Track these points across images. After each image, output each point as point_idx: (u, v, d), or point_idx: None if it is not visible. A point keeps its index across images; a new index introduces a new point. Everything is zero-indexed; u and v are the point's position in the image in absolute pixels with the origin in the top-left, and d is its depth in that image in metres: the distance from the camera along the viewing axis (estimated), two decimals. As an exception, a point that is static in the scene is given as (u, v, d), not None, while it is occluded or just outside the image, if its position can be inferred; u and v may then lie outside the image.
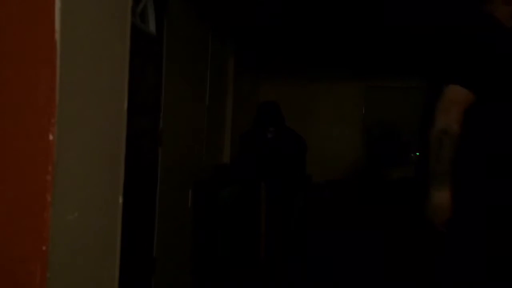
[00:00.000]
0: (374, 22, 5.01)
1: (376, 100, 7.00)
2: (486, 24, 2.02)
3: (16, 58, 0.96)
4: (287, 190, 4.15)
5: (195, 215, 3.87)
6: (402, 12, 4.59)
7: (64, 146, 0.99)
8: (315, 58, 6.54)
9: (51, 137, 0.94)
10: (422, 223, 2.33)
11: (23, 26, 0.95)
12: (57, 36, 0.94)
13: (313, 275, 4.45)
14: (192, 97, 3.87)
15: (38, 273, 0.94)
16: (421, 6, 4.41)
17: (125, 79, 1.32)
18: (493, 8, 2.04)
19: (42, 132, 0.94)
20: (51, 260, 0.95)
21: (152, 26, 3.01)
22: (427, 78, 2.41)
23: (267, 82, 6.74)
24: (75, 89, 1.04)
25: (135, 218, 2.76)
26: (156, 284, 3.10)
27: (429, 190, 2.08)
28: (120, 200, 1.31)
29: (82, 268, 1.13)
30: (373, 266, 4.75)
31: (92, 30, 1.12)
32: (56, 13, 0.94)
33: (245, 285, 4.14)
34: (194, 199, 3.81)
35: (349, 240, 5.35)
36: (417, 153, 6.91)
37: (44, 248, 0.94)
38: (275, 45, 6.15)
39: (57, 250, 0.98)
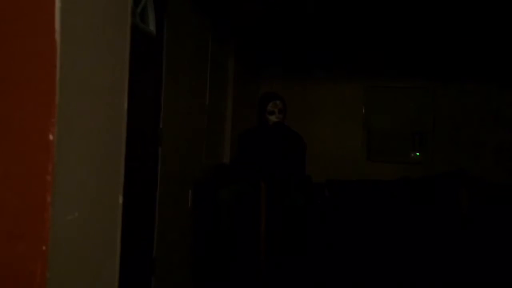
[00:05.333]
0: (374, 22, 5.01)
1: (376, 100, 6.99)
2: None
3: (16, 58, 0.96)
4: (286, 190, 4.15)
5: (195, 215, 3.87)
6: (402, 11, 4.59)
7: (64, 146, 0.98)
8: (315, 58, 6.54)
9: (51, 137, 0.94)
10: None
11: (23, 26, 0.95)
12: (57, 36, 0.94)
13: (313, 276, 4.44)
14: (192, 97, 3.87)
15: (38, 273, 0.94)
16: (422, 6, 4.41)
17: (125, 79, 1.32)
18: None
19: (42, 132, 0.94)
20: (51, 260, 0.95)
21: (152, 26, 3.01)
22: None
23: (267, 82, 6.73)
24: (75, 89, 1.04)
25: (135, 218, 2.76)
26: (156, 284, 3.10)
27: None
28: (120, 200, 1.31)
29: (82, 268, 1.13)
30: (374, 265, 4.75)
31: (92, 30, 1.12)
32: (56, 13, 0.94)
33: (245, 286, 4.14)
34: (194, 199, 3.80)
35: (349, 240, 5.34)
36: (417, 153, 6.93)
37: (44, 248, 0.94)
38: (275, 45, 6.15)
39: (57, 250, 0.97)
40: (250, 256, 4.09)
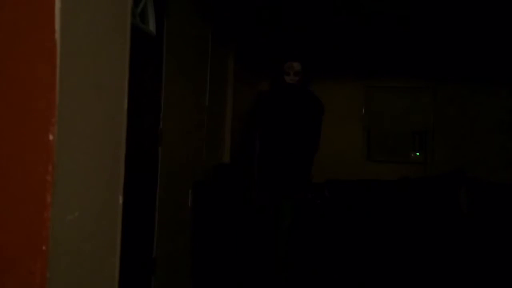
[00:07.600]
0: (374, 21, 5.01)
1: (376, 100, 6.99)
2: None
3: (16, 58, 0.96)
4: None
5: (195, 215, 3.87)
6: (402, 11, 4.59)
7: (64, 146, 0.98)
8: (315, 58, 6.54)
9: (51, 137, 0.94)
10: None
11: (23, 26, 0.95)
12: (57, 36, 0.94)
13: (313, 275, 4.45)
14: (192, 97, 3.87)
15: (38, 273, 0.94)
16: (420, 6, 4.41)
17: (125, 79, 1.32)
18: None
19: (42, 132, 0.94)
20: (51, 260, 0.95)
21: (152, 26, 3.01)
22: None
23: (267, 82, 6.73)
24: (75, 89, 1.04)
25: (135, 218, 2.76)
26: (156, 284, 3.10)
27: None
28: (120, 200, 1.31)
29: (82, 268, 1.13)
30: (374, 265, 4.75)
31: (92, 30, 1.12)
32: (56, 13, 0.94)
33: (245, 286, 4.14)
34: (194, 199, 3.80)
35: (349, 240, 5.34)
36: (417, 153, 6.93)
37: (44, 248, 0.94)
38: (275, 45, 6.15)
39: (57, 250, 0.97)
40: (249, 257, 4.09)
